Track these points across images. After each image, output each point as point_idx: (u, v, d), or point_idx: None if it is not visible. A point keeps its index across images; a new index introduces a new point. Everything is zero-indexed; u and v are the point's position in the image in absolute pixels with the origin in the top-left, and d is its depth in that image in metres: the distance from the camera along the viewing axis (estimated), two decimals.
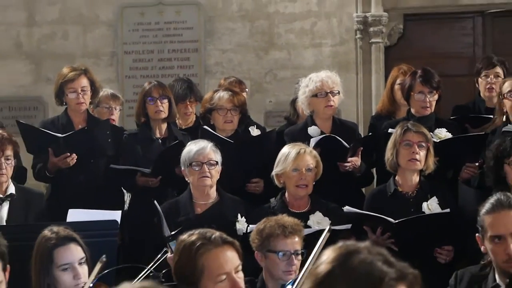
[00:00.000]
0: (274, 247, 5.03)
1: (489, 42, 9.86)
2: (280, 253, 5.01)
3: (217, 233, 3.84)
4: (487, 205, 4.62)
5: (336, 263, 2.36)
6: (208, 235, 3.81)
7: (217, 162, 6.09)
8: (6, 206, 5.99)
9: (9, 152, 5.96)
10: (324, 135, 6.64)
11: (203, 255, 3.75)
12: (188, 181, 6.17)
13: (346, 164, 6.56)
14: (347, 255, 2.37)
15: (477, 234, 4.69)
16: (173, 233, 5.46)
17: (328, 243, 2.57)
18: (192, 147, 6.12)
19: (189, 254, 3.77)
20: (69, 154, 6.61)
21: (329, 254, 2.41)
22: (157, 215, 5.99)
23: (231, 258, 3.81)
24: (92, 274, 3.95)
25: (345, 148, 6.56)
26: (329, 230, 4.42)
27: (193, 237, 3.81)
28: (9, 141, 5.99)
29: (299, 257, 5.05)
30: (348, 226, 5.71)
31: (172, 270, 3.89)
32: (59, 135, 6.62)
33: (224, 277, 3.76)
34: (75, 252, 4.52)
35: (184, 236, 3.89)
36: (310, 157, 6.07)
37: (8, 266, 3.15)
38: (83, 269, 4.50)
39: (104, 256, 3.94)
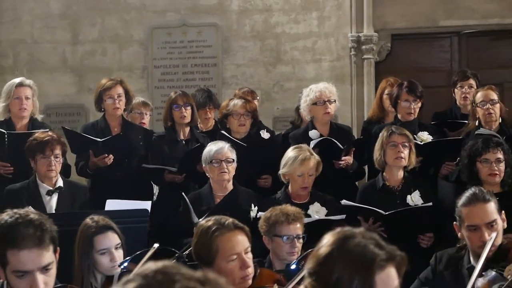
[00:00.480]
0: (279, 232, 5.07)
1: (464, 58, 9.84)
2: (285, 237, 5.05)
3: (230, 220, 3.88)
4: (463, 198, 4.62)
5: (335, 246, 2.40)
6: (222, 221, 3.85)
7: (233, 160, 6.12)
8: (55, 197, 5.99)
9: (57, 151, 5.97)
10: (321, 138, 6.67)
11: (218, 238, 3.79)
12: (208, 176, 6.20)
13: (340, 162, 6.58)
14: (344, 239, 2.41)
15: (454, 223, 4.70)
16: (201, 219, 5.49)
17: (325, 230, 2.57)
18: (212, 147, 6.15)
19: (205, 237, 3.81)
20: (106, 155, 6.62)
21: (329, 238, 2.44)
22: (183, 205, 6.01)
23: (242, 241, 3.84)
24: (144, 259, 3.98)
25: (340, 149, 6.59)
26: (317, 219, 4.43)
27: (209, 223, 3.86)
28: (57, 141, 6.00)
29: (301, 240, 5.10)
30: (343, 216, 5.73)
31: (192, 251, 3.91)
32: (98, 139, 6.63)
33: (235, 257, 3.80)
34: (112, 239, 4.53)
35: (202, 222, 3.95)
36: (313, 163, 6.05)
37: (58, 248, 3.15)
38: (119, 253, 4.51)
39: (156, 244, 3.96)
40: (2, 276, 3.13)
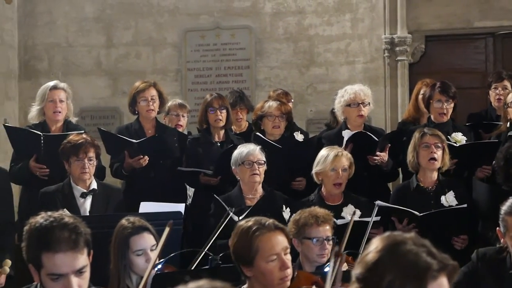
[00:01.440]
0: (309, 234, 5.07)
1: (499, 59, 9.75)
2: (314, 239, 5.05)
3: (270, 220, 3.89)
4: (508, 207, 4.58)
5: (385, 252, 2.34)
6: (262, 222, 3.86)
7: (264, 162, 6.10)
8: (89, 199, 6.00)
9: (91, 154, 5.98)
10: (356, 131, 6.62)
11: (258, 237, 3.79)
12: (238, 179, 6.18)
13: (375, 157, 6.54)
14: (395, 245, 2.34)
15: (497, 228, 4.66)
16: (241, 217, 5.50)
17: (360, 234, 2.53)
18: (243, 149, 6.13)
19: (246, 237, 3.81)
20: (142, 156, 6.64)
21: (377, 244, 2.38)
22: (215, 207, 6.01)
23: (281, 242, 3.84)
24: (162, 238, 3.95)
25: (375, 143, 6.53)
26: (351, 220, 4.46)
27: (250, 223, 3.86)
28: (91, 144, 6.01)
29: (330, 242, 5.09)
30: (377, 218, 5.69)
31: (231, 251, 3.90)
32: (134, 140, 6.65)
33: (275, 257, 3.80)
34: (148, 240, 4.53)
35: (242, 222, 3.94)
36: (346, 159, 6.07)
37: (91, 251, 3.17)
38: (154, 254, 4.51)
39: (171, 220, 3.95)
40: (37, 279, 3.15)
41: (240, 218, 5.65)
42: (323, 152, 6.14)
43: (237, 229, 3.91)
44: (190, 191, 7.15)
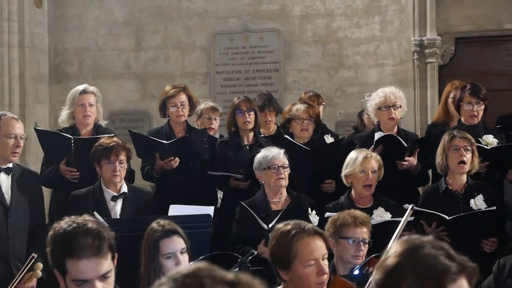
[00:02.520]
0: (345, 234, 5.06)
1: None
2: (351, 240, 5.04)
3: (309, 224, 3.92)
4: None
5: (403, 257, 2.32)
6: (302, 226, 3.87)
7: (288, 165, 6.10)
8: (120, 202, 6.02)
9: (122, 157, 6.00)
10: (386, 134, 6.60)
11: (297, 242, 3.80)
12: (262, 183, 6.18)
13: (403, 162, 6.51)
14: (413, 249, 2.33)
15: None
16: (271, 225, 5.51)
17: (390, 235, 2.53)
18: (267, 154, 6.12)
19: (284, 240, 3.82)
20: (173, 157, 6.66)
21: (396, 248, 2.37)
22: (240, 213, 6.02)
23: (320, 247, 3.86)
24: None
25: (404, 148, 6.51)
26: (412, 208, 4.46)
27: (289, 227, 3.87)
28: (122, 147, 6.03)
29: (367, 245, 5.07)
30: (411, 218, 5.68)
31: (268, 254, 3.90)
32: (165, 141, 6.68)
33: (313, 262, 3.81)
34: (178, 243, 4.55)
35: (280, 225, 3.94)
36: (375, 161, 6.06)
37: (116, 254, 3.18)
38: (184, 258, 4.53)
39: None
40: (62, 284, 3.17)
41: (270, 226, 5.66)
42: (352, 154, 6.13)
43: (276, 232, 3.92)
44: (220, 194, 7.18)
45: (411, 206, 4.88)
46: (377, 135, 6.69)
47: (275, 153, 6.11)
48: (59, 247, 3.12)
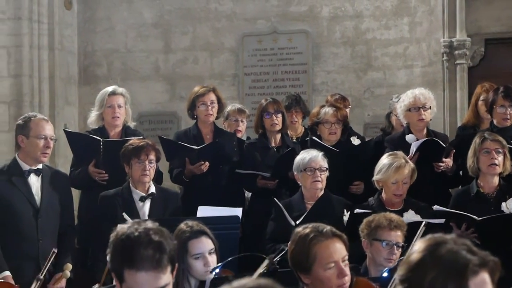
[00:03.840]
0: (379, 236, 5.06)
1: None
2: (384, 242, 5.03)
3: (328, 227, 3.87)
4: None
5: (426, 252, 2.37)
6: (320, 228, 3.85)
7: (326, 169, 6.12)
8: (148, 203, 6.05)
9: (152, 156, 6.03)
10: (425, 139, 6.58)
11: (316, 245, 3.78)
12: (300, 184, 6.20)
13: (440, 164, 6.50)
14: (436, 245, 2.38)
15: None
16: (298, 221, 5.52)
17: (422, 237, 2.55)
18: (305, 155, 6.15)
19: (303, 243, 3.81)
20: (203, 162, 6.68)
21: (420, 245, 2.41)
22: (275, 212, 6.04)
23: (339, 249, 3.83)
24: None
25: (442, 151, 6.50)
26: (424, 224, 4.43)
27: (307, 230, 3.85)
28: (152, 147, 6.07)
29: (400, 249, 5.06)
30: (442, 220, 5.66)
31: (288, 258, 3.91)
32: (195, 147, 6.69)
33: (332, 265, 3.78)
34: (206, 244, 4.56)
35: (299, 229, 3.92)
36: (408, 171, 6.00)
37: (176, 265, 3.12)
38: (213, 258, 4.54)
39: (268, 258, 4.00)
40: (118, 287, 3.11)
41: (298, 222, 5.67)
42: (385, 160, 6.08)
43: (294, 236, 3.90)
44: (248, 195, 7.19)
45: (424, 222, 4.91)
46: (408, 138, 6.69)
47: (313, 156, 6.13)
48: (119, 254, 3.05)
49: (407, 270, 2.38)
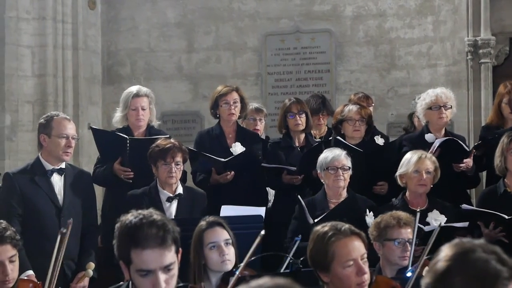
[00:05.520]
0: (390, 235, 5.06)
1: None
2: (396, 241, 5.02)
3: (346, 225, 3.87)
4: None
5: (454, 261, 2.29)
6: (338, 227, 3.84)
7: (349, 168, 6.10)
8: (175, 203, 6.06)
9: (178, 158, 6.04)
10: (448, 137, 6.59)
11: (334, 243, 3.78)
12: (323, 183, 6.19)
13: (461, 165, 6.47)
14: (464, 253, 2.30)
15: None
16: (317, 219, 5.51)
17: (446, 239, 2.48)
18: (328, 154, 6.15)
19: (322, 242, 3.80)
20: (229, 172, 6.67)
21: (446, 252, 2.33)
22: (298, 209, 6.03)
23: (358, 247, 3.82)
24: (252, 247, 3.97)
25: (464, 152, 6.48)
26: (439, 226, 4.38)
27: (326, 228, 3.85)
28: (179, 149, 6.07)
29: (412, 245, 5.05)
30: (465, 224, 5.62)
31: (307, 256, 3.90)
32: (222, 159, 6.64)
33: (351, 263, 3.77)
34: (221, 233, 4.58)
35: (318, 228, 3.92)
36: (430, 162, 6.04)
37: (180, 249, 3.22)
38: (229, 249, 4.55)
39: (263, 230, 3.94)
40: (127, 275, 3.21)
41: (316, 220, 5.65)
42: (407, 155, 6.12)
43: (313, 235, 3.91)
44: (270, 195, 7.18)
45: (438, 223, 4.88)
46: (428, 137, 6.68)
47: (335, 154, 6.12)
48: (125, 238, 3.16)
49: (434, 279, 2.31)
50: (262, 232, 3.83)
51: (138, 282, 3.17)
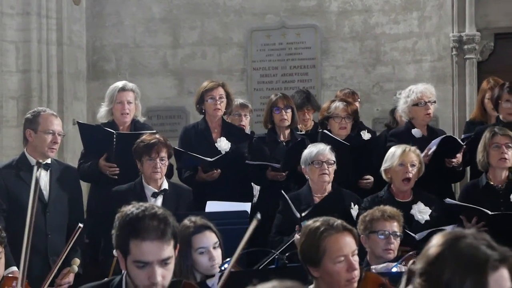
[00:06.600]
0: (375, 228, 5.14)
1: None
2: (380, 233, 5.06)
3: (338, 221, 3.87)
4: None
5: (446, 246, 2.36)
6: (331, 222, 3.84)
7: (334, 162, 6.12)
8: (160, 199, 6.05)
9: (163, 154, 6.03)
10: (445, 136, 6.67)
11: (326, 238, 3.78)
12: (308, 178, 6.21)
13: (453, 160, 6.51)
14: (455, 239, 2.37)
15: None
16: (304, 213, 5.52)
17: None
18: (313, 149, 6.17)
19: (313, 237, 3.80)
20: (215, 170, 6.69)
21: (438, 239, 2.40)
22: (282, 205, 6.04)
23: (349, 243, 3.83)
24: (248, 231, 3.95)
25: (458, 147, 6.54)
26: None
27: (318, 223, 3.84)
28: (164, 144, 6.06)
29: (398, 239, 5.14)
30: (455, 226, 5.64)
31: (298, 251, 3.90)
32: (209, 159, 6.64)
33: (342, 258, 3.78)
34: (210, 238, 4.56)
35: (309, 222, 3.92)
36: (414, 155, 6.09)
37: (178, 245, 3.25)
38: (217, 252, 4.54)
39: (258, 213, 3.92)
40: (123, 266, 3.23)
41: (303, 214, 5.67)
42: (392, 149, 6.17)
43: (305, 229, 3.91)
44: (256, 190, 7.19)
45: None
46: (414, 132, 6.76)
47: (320, 149, 6.15)
48: (125, 228, 3.17)
49: (426, 263, 2.37)
50: (259, 215, 3.81)
51: (134, 273, 3.18)
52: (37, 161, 5.45)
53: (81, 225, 4.87)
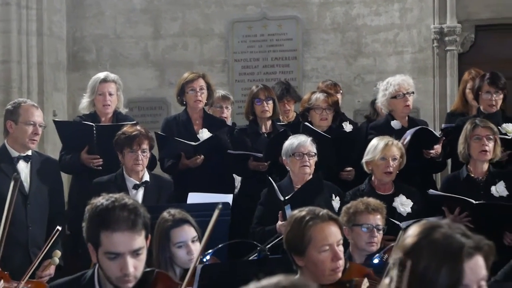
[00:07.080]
0: (358, 221, 5.14)
1: None
2: (363, 226, 5.07)
3: (324, 210, 3.89)
4: None
5: (421, 235, 2.40)
6: (316, 212, 3.86)
7: (315, 154, 6.12)
8: (141, 191, 6.03)
9: (145, 146, 6.01)
10: (420, 127, 6.63)
11: (311, 228, 3.79)
12: (288, 169, 6.21)
13: (431, 151, 6.52)
14: (431, 229, 2.41)
15: None
16: (287, 197, 5.53)
17: None
18: (294, 141, 6.16)
19: (299, 226, 3.81)
20: (198, 156, 6.68)
21: (414, 229, 2.44)
22: (267, 192, 6.04)
23: (335, 232, 3.85)
24: (210, 222, 3.96)
25: (435, 139, 6.53)
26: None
27: (303, 213, 3.86)
28: (145, 136, 6.04)
29: (381, 232, 5.16)
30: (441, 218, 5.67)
31: (283, 240, 3.91)
32: (192, 143, 6.66)
33: (327, 248, 3.80)
34: (188, 232, 4.55)
35: (295, 212, 3.93)
36: (396, 149, 6.09)
37: (149, 235, 3.26)
38: (196, 246, 4.53)
39: (220, 203, 3.94)
40: (94, 258, 3.22)
41: (287, 198, 5.68)
42: (374, 141, 6.17)
43: (290, 218, 3.93)
44: (237, 181, 7.19)
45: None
46: (393, 124, 6.76)
47: (301, 141, 6.14)
48: (95, 219, 3.17)
49: (403, 253, 2.41)
50: (220, 205, 3.80)
51: (106, 265, 3.17)
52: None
53: (59, 227, 4.83)
